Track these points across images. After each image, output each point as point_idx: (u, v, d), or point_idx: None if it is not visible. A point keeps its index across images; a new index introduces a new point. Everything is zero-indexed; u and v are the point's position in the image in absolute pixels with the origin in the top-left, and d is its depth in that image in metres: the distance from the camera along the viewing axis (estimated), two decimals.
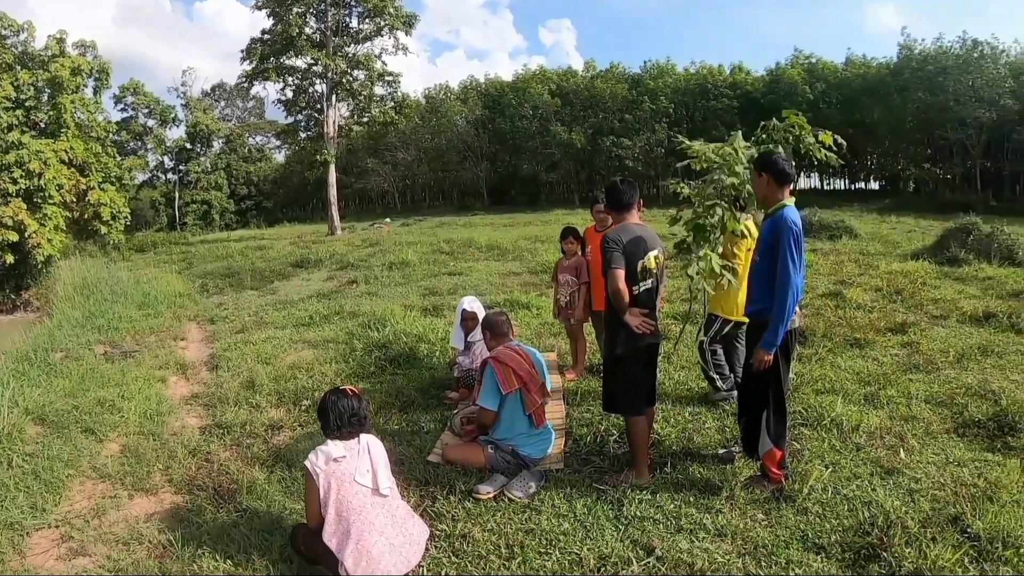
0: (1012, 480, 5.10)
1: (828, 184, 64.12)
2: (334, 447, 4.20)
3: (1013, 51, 47.25)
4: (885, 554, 4.17)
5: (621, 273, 5.06)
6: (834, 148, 6.94)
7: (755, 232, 6.58)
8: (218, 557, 4.50)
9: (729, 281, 6.02)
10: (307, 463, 4.17)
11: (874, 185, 62.03)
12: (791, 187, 5.09)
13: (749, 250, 6.53)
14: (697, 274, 5.74)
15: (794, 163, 5.65)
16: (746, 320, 6.21)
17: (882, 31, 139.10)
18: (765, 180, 5.03)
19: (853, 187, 62.80)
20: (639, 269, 5.17)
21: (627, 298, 5.10)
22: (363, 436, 4.35)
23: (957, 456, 5.65)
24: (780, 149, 6.68)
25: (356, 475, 4.17)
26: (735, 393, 6.75)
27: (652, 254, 5.28)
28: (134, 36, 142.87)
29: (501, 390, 5.55)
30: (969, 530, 4.40)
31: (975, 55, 45.82)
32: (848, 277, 13.92)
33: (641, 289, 5.22)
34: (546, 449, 5.78)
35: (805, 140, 6.97)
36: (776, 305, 4.82)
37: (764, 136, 7.17)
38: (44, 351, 10.46)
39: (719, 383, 7.02)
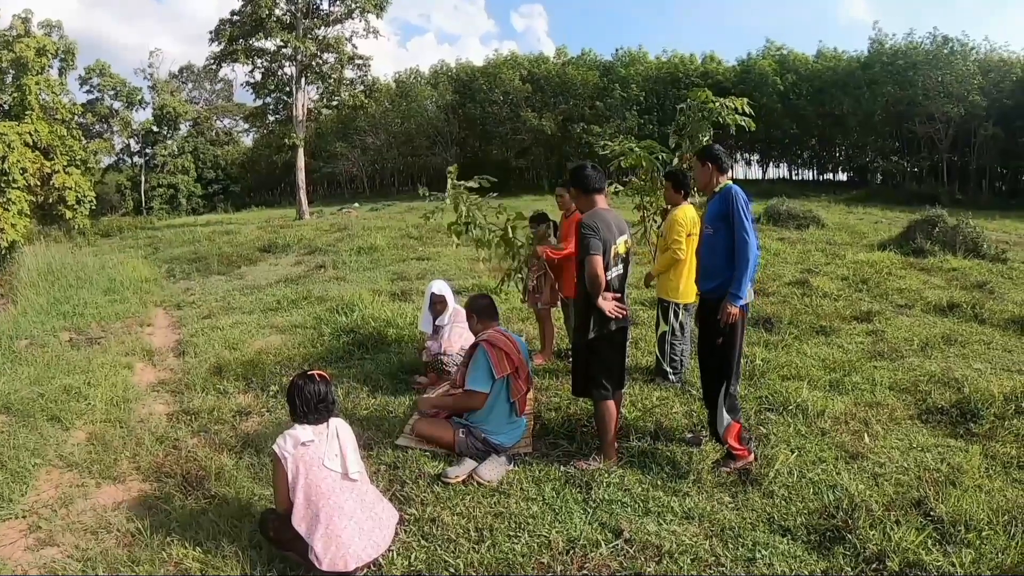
0: (974, 465, 5.21)
1: (796, 175, 64.62)
2: (302, 431, 4.19)
3: (982, 48, 47.76)
4: (850, 536, 4.25)
5: (599, 259, 5.10)
6: (748, 113, 7.16)
7: (696, 218, 6.74)
8: (187, 544, 4.46)
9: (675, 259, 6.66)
10: (275, 447, 4.15)
11: (842, 176, 62.54)
12: (730, 175, 5.44)
13: (690, 235, 6.68)
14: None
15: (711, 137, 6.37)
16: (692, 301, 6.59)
17: (853, 24, 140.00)
18: (709, 169, 5.38)
19: (821, 178, 63.26)
20: (612, 255, 5.22)
21: (604, 283, 5.15)
22: (332, 420, 4.35)
23: (920, 442, 5.77)
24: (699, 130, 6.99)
25: (325, 459, 4.16)
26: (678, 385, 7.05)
27: (622, 239, 5.34)
28: (99, 16, 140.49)
29: (494, 374, 5.53)
30: (932, 513, 4.50)
31: (945, 51, 46.21)
32: (815, 266, 14.08)
33: (613, 274, 5.27)
34: (517, 438, 5.79)
35: (719, 112, 7.15)
36: (739, 261, 5.04)
37: (683, 119, 7.36)
38: (8, 338, 10.29)
39: (671, 376, 7.13)
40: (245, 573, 4.16)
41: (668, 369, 7.08)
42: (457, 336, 7.43)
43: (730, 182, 5.32)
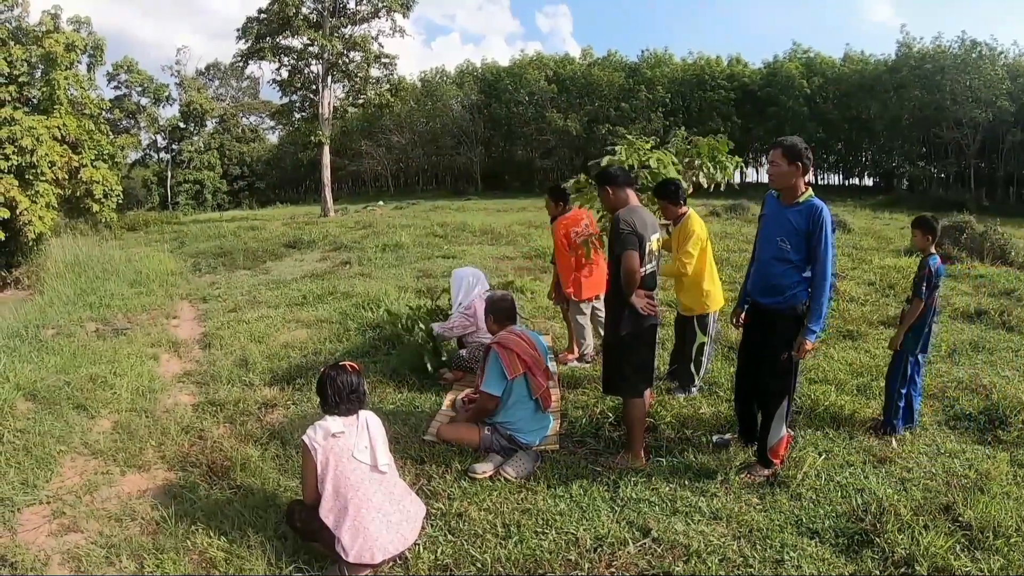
0: (1002, 472, 5.18)
1: (822, 179, 64.22)
2: (333, 422, 4.18)
3: (1011, 53, 47.27)
4: (878, 540, 4.22)
5: (636, 255, 5.08)
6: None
7: (700, 230, 6.62)
8: (212, 534, 4.48)
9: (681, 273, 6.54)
10: (305, 438, 4.15)
11: (868, 181, 62.22)
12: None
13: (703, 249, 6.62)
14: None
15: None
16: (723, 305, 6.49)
17: (877, 27, 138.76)
18: (796, 169, 4.89)
19: (847, 183, 62.92)
20: (646, 252, 5.20)
21: (639, 280, 5.12)
22: (362, 412, 4.34)
23: (948, 448, 5.72)
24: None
25: (355, 451, 4.16)
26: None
27: (654, 237, 5.33)
28: (126, 12, 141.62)
29: (506, 375, 5.49)
30: (960, 519, 4.46)
31: (973, 56, 45.80)
32: (842, 270, 13.95)
33: (647, 271, 5.25)
34: (544, 436, 5.76)
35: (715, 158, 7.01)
36: (818, 293, 4.81)
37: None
38: (35, 327, 10.41)
39: (694, 388, 6.94)
40: (270, 563, 4.16)
41: (698, 377, 6.95)
42: (458, 323, 7.46)
43: (812, 193, 4.92)
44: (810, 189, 4.95)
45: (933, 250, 6.09)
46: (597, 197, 6.20)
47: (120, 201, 31.13)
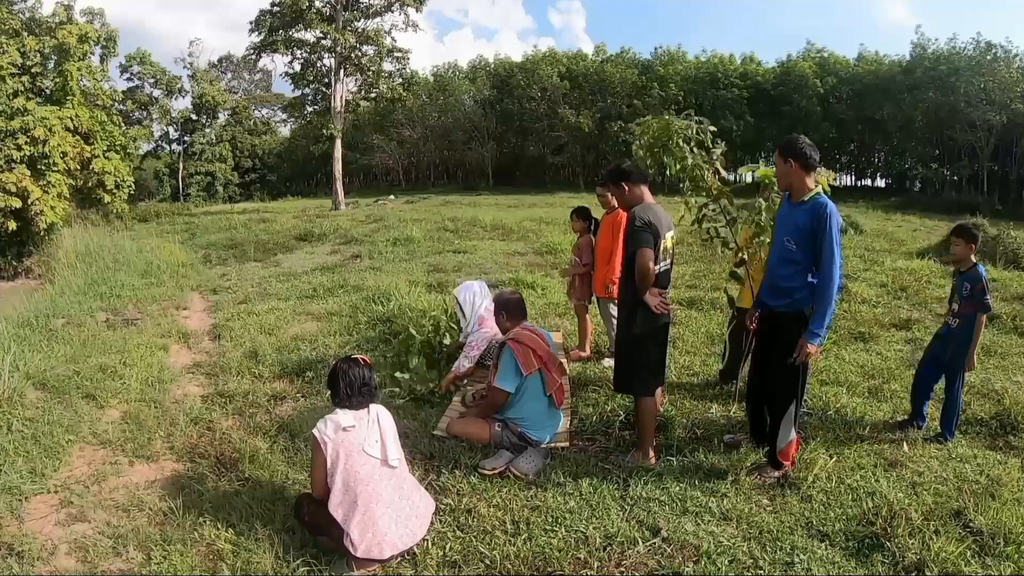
0: (1013, 478, 5.13)
1: (834, 180, 63.95)
2: (343, 416, 4.17)
3: None
4: (889, 544, 4.19)
5: (650, 252, 5.04)
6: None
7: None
8: (220, 525, 4.48)
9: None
10: (315, 432, 4.14)
11: (880, 183, 62.02)
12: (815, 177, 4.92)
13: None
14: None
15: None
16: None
17: (892, 27, 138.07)
18: (792, 167, 4.85)
19: (859, 183, 62.75)
20: (661, 250, 5.17)
21: (654, 278, 5.08)
22: (373, 406, 4.33)
23: (959, 452, 5.68)
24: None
25: (365, 445, 4.15)
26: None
27: (669, 234, 5.31)
28: (140, 4, 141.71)
29: (522, 372, 5.48)
30: (971, 525, 4.43)
31: (988, 58, 45.61)
32: (853, 272, 13.87)
33: (660, 269, 5.22)
34: (554, 433, 5.75)
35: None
36: (822, 296, 4.75)
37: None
38: (46, 317, 10.40)
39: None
40: (278, 556, 4.15)
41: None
42: (478, 343, 7.35)
43: (820, 191, 4.88)
44: (819, 188, 4.90)
45: (974, 259, 6.05)
46: None
47: (132, 192, 31.25)
